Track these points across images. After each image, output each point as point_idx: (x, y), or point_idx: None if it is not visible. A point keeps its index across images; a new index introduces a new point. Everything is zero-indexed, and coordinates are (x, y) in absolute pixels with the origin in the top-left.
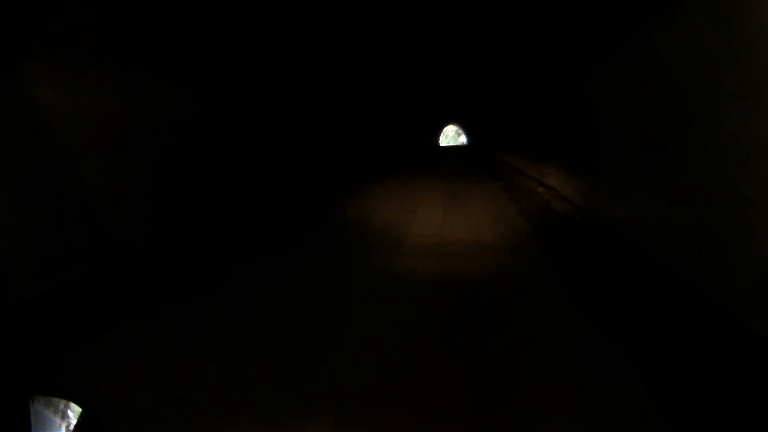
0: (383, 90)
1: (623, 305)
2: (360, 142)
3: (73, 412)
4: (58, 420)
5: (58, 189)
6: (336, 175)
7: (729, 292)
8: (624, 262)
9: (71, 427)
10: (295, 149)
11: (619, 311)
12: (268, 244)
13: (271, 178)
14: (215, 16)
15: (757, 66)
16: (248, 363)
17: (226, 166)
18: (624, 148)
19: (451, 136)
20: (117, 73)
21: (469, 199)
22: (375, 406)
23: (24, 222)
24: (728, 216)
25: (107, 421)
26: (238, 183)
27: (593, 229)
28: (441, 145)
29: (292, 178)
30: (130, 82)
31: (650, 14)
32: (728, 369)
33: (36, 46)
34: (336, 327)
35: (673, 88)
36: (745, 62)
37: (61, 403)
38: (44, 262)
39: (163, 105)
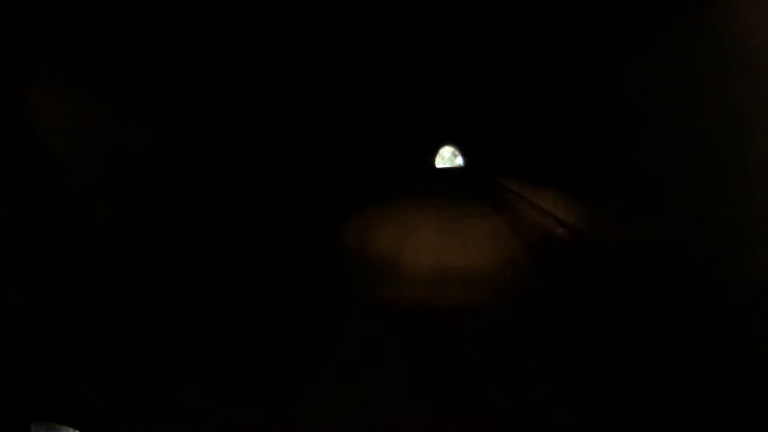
0: (376, 111)
1: None
2: (349, 164)
3: None
4: None
5: None
6: (320, 200)
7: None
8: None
9: None
10: (274, 174)
11: None
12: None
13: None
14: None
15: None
16: None
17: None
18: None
19: (447, 158)
20: None
21: (468, 244)
22: None
23: None
24: None
25: None
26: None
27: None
28: (437, 167)
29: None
30: None
31: None
32: None
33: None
34: None
35: None
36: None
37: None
38: None
39: None
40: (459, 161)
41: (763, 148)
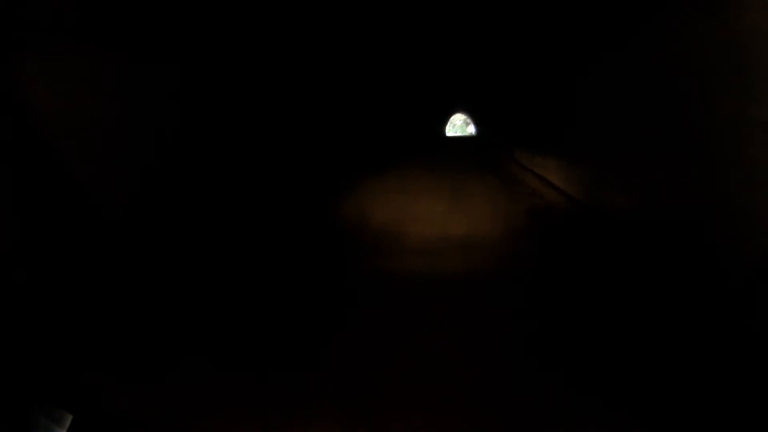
0: (382, 75)
1: None
2: (348, 132)
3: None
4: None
5: None
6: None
7: None
8: None
9: None
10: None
11: None
12: None
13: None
14: None
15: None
16: None
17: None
18: None
19: (459, 125)
20: None
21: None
22: None
23: None
24: None
25: None
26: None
27: None
28: (447, 135)
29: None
30: None
31: None
32: None
33: None
34: None
35: None
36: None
37: (59, 413)
38: None
39: None
40: (471, 129)
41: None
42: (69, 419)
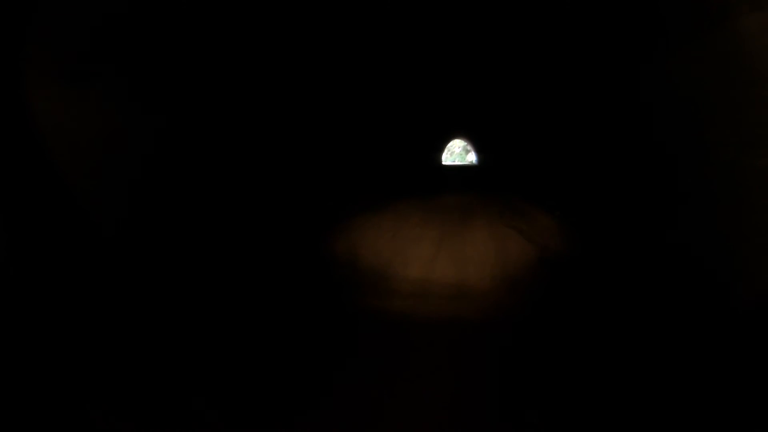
0: (368, 95)
1: None
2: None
3: None
4: None
5: None
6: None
7: None
8: None
9: None
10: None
11: None
12: None
13: None
14: None
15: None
16: None
17: None
18: None
19: (458, 153)
20: None
21: None
22: None
23: None
24: None
25: None
26: None
27: None
28: (444, 163)
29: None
30: None
31: None
32: None
33: None
34: None
35: None
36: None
37: None
38: None
39: None
40: (471, 157)
41: None
42: None
